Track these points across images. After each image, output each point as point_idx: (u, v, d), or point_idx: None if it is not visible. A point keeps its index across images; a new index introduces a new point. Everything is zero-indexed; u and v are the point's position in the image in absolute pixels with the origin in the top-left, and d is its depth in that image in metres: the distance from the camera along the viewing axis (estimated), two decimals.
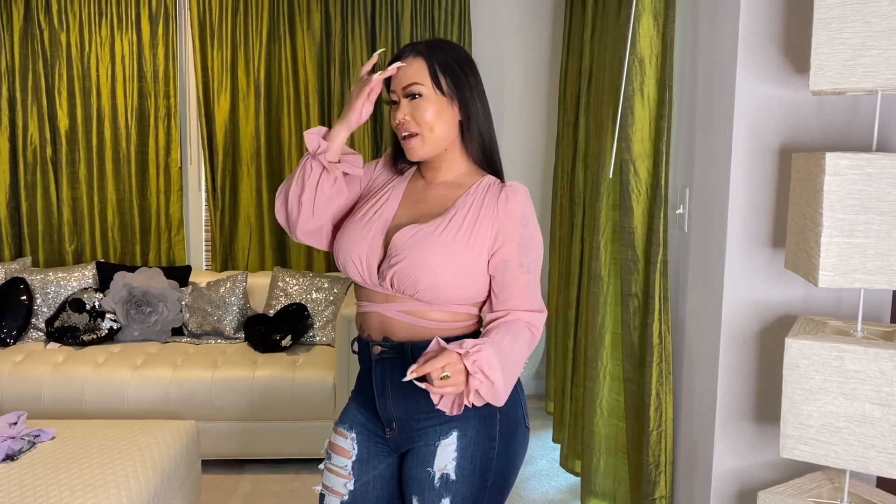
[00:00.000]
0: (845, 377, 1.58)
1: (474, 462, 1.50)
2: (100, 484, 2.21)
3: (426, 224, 1.49)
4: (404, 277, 1.45)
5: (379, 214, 1.55)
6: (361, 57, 4.09)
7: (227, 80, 4.12)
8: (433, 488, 1.50)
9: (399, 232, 1.48)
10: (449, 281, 1.45)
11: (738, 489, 2.08)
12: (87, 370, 3.36)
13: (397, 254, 1.46)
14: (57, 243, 4.20)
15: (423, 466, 1.51)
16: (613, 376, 2.72)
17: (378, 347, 1.53)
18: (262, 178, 4.19)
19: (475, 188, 1.53)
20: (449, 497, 1.49)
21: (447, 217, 1.49)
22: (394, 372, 1.52)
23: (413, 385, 1.47)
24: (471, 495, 1.51)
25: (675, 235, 2.40)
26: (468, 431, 1.51)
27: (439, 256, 1.44)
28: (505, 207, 1.48)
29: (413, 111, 1.50)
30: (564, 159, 3.55)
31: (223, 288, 3.81)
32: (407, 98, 1.51)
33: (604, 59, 2.83)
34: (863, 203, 1.54)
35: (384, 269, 1.48)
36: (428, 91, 1.50)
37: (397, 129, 1.53)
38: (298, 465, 3.42)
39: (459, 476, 1.50)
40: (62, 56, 4.08)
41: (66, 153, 4.14)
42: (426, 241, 1.46)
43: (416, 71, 1.50)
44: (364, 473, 1.59)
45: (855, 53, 1.54)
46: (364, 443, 1.59)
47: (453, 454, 1.50)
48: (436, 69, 1.50)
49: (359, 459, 1.59)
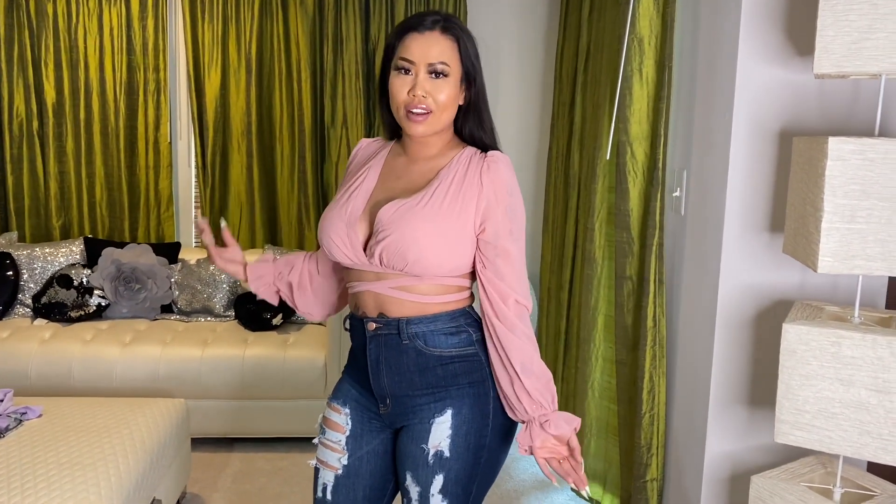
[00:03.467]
0: (842, 363, 1.57)
1: (468, 439, 1.51)
2: (88, 462, 2.19)
3: (410, 198, 1.47)
4: (393, 252, 1.44)
5: (357, 194, 1.53)
6: (355, 32, 4.03)
7: (217, 55, 4.05)
8: (427, 465, 1.50)
9: (384, 207, 1.47)
10: (436, 252, 1.44)
11: (730, 473, 2.08)
12: (74, 347, 3.33)
13: (384, 229, 1.44)
14: (44, 218, 4.14)
15: (418, 443, 1.51)
16: (606, 359, 2.71)
17: (372, 324, 1.52)
18: (253, 154, 4.14)
19: (457, 159, 1.51)
20: (442, 474, 1.50)
21: (430, 189, 1.47)
22: (388, 348, 1.51)
23: (406, 361, 1.50)
24: (464, 472, 1.51)
25: (671, 218, 2.38)
26: (462, 409, 1.51)
27: (426, 228, 1.43)
28: (489, 177, 1.47)
29: (433, 89, 1.45)
30: (559, 140, 3.52)
31: (213, 265, 3.78)
32: (430, 74, 1.46)
33: (602, 38, 2.80)
34: (864, 188, 1.53)
35: (371, 246, 1.47)
36: (453, 73, 1.47)
37: (410, 102, 1.46)
38: (289, 444, 3.41)
39: (453, 453, 1.50)
40: (48, 27, 4.00)
41: (53, 126, 4.07)
42: (411, 213, 1.44)
43: (443, 50, 1.46)
44: (358, 448, 1.59)
45: (860, 36, 1.51)
46: (358, 418, 1.60)
47: (448, 431, 1.50)
48: (468, 55, 1.48)
49: (352, 435, 1.59)
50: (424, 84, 1.45)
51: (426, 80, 1.45)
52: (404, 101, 1.46)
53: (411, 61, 1.45)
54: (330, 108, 4.10)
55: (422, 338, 1.50)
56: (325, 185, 4.20)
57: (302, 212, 4.17)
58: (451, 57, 1.46)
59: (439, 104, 1.46)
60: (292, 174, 4.17)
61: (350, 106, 4.10)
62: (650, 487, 2.38)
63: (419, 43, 1.45)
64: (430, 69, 1.45)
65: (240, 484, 3.06)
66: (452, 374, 1.51)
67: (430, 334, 1.50)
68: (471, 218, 1.47)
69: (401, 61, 1.47)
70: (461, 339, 1.52)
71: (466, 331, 1.52)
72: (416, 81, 1.45)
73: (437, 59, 1.45)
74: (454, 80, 1.47)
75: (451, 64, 1.46)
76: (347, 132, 4.12)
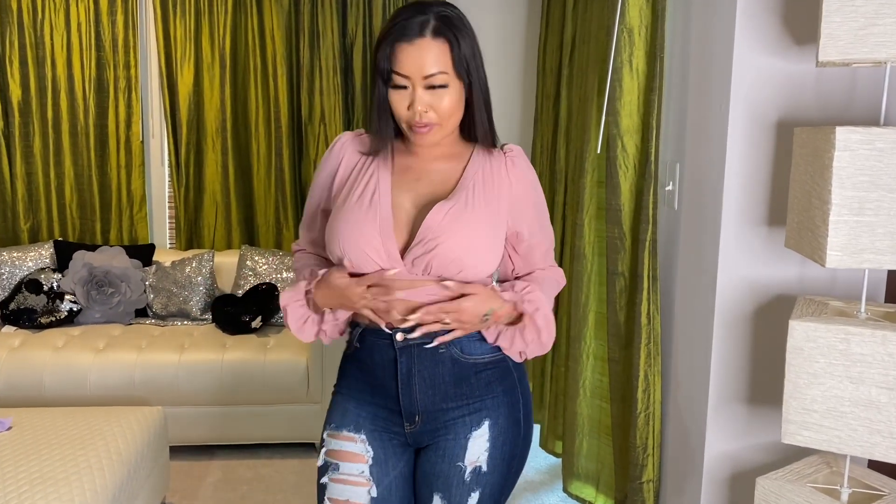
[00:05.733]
0: (851, 360, 1.52)
1: (504, 450, 1.45)
2: (61, 476, 2.09)
3: (452, 201, 1.38)
4: (448, 260, 1.34)
5: (377, 198, 1.40)
6: (332, 27, 3.94)
7: (190, 50, 3.94)
8: (463, 483, 1.42)
9: (432, 212, 1.37)
10: (487, 255, 1.39)
11: (730, 472, 2.03)
12: (45, 354, 3.20)
13: (435, 237, 1.35)
14: (11, 221, 4.00)
15: (453, 462, 1.43)
16: (597, 357, 2.66)
17: (402, 334, 1.40)
18: (229, 152, 4.03)
19: (475, 157, 1.45)
20: (479, 490, 1.43)
21: (466, 189, 1.40)
22: (422, 359, 1.41)
23: (442, 372, 1.41)
24: (499, 485, 1.46)
25: (664, 213, 2.32)
26: (499, 420, 1.45)
27: (479, 231, 1.38)
28: (516, 175, 1.46)
29: (434, 102, 1.35)
30: (544, 134, 3.45)
31: (189, 267, 3.67)
32: (428, 88, 1.34)
33: (588, 30, 2.74)
34: (873, 179, 1.47)
35: (416, 255, 1.36)
36: (451, 80, 1.35)
37: (412, 118, 1.36)
38: (271, 451, 3.32)
39: (491, 467, 1.44)
40: (13, 22, 3.86)
41: (20, 126, 3.93)
42: (462, 218, 1.36)
43: (437, 57, 1.33)
44: (385, 475, 1.46)
45: (867, 22, 1.46)
46: (378, 443, 1.46)
47: (485, 445, 1.43)
48: (461, 55, 1.35)
49: (376, 462, 1.46)
50: (424, 98, 1.34)
51: (425, 94, 1.35)
52: (406, 117, 1.38)
53: (406, 76, 1.34)
54: (307, 104, 4.01)
55: (457, 345, 1.42)
56: (303, 184, 4.10)
57: (280, 211, 4.07)
58: (445, 63, 1.34)
59: (442, 115, 1.36)
60: (269, 172, 4.07)
61: (328, 102, 4.00)
62: (646, 489, 2.32)
63: (410, 55, 1.33)
64: (427, 84, 1.34)
65: (221, 493, 2.96)
66: (486, 383, 1.44)
67: (467, 341, 1.42)
68: (504, 216, 1.43)
69: (395, 76, 1.35)
70: (493, 344, 1.46)
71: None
72: (415, 97, 1.34)
73: (433, 69, 1.33)
74: (455, 87, 1.36)
75: (447, 70, 1.34)
76: (326, 128, 4.03)
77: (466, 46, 1.36)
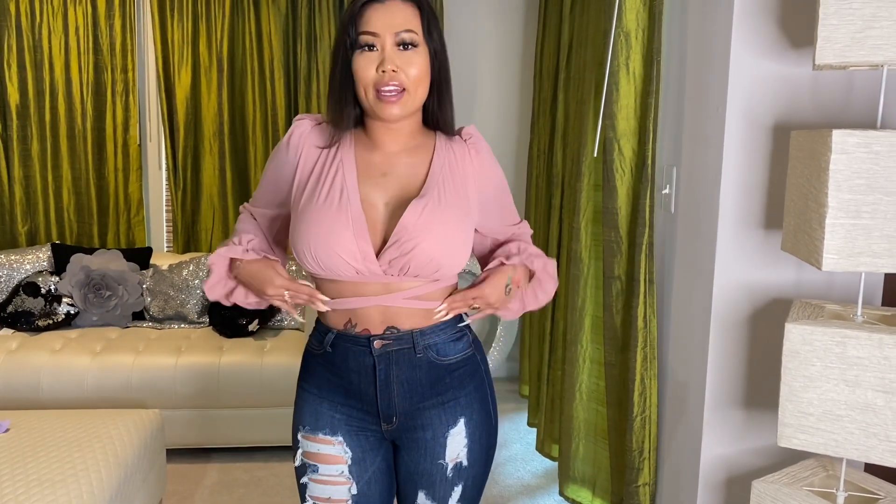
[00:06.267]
0: (847, 364, 1.52)
1: (482, 443, 1.47)
2: (58, 479, 2.08)
3: (426, 198, 1.34)
4: (425, 261, 1.30)
5: (346, 195, 1.33)
6: (329, 30, 3.94)
7: (188, 54, 3.94)
8: (446, 479, 1.44)
9: (407, 212, 1.32)
10: (462, 252, 1.37)
11: (726, 476, 2.03)
12: (43, 357, 3.20)
13: (412, 237, 1.30)
14: (9, 224, 4.00)
15: (434, 459, 1.43)
16: (594, 360, 2.66)
17: (380, 341, 1.38)
18: (226, 156, 4.03)
19: (439, 148, 1.41)
20: (461, 483, 1.45)
21: (437, 186, 1.36)
22: (399, 364, 1.39)
23: (419, 376, 1.40)
24: (480, 476, 1.48)
25: (660, 216, 2.33)
26: (473, 416, 1.45)
27: (454, 228, 1.34)
28: (480, 160, 1.45)
29: (404, 63, 1.30)
30: (541, 138, 3.46)
31: (186, 270, 3.67)
32: (399, 46, 1.30)
33: (585, 33, 2.74)
34: (869, 183, 1.47)
35: (392, 257, 1.31)
36: (422, 44, 1.32)
37: (380, 80, 1.30)
38: (267, 454, 3.31)
39: (471, 460, 1.46)
40: (11, 26, 3.86)
41: (18, 129, 3.93)
42: (436, 215, 1.32)
43: (408, 17, 1.30)
44: (364, 472, 1.46)
45: (864, 25, 1.46)
46: (355, 441, 1.45)
47: (464, 441, 1.44)
48: (428, 18, 1.32)
49: (355, 461, 1.45)
50: (394, 58, 1.29)
51: (395, 54, 1.29)
52: (373, 81, 1.30)
53: (375, 34, 1.29)
54: (304, 107, 4.01)
55: (434, 349, 1.40)
56: None
57: None
58: (416, 24, 1.31)
59: (412, 79, 1.31)
60: None
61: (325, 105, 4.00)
62: (642, 492, 2.32)
63: (381, 13, 1.29)
64: (398, 40, 1.29)
65: (217, 496, 2.96)
66: (459, 381, 1.44)
67: (443, 344, 1.41)
68: (474, 206, 1.42)
69: (363, 36, 1.30)
70: (464, 343, 1.46)
71: (465, 333, 1.46)
72: (385, 56, 1.29)
73: (404, 26, 1.29)
74: (424, 52, 1.32)
75: (419, 32, 1.31)
76: None
77: (434, 21, 1.35)
